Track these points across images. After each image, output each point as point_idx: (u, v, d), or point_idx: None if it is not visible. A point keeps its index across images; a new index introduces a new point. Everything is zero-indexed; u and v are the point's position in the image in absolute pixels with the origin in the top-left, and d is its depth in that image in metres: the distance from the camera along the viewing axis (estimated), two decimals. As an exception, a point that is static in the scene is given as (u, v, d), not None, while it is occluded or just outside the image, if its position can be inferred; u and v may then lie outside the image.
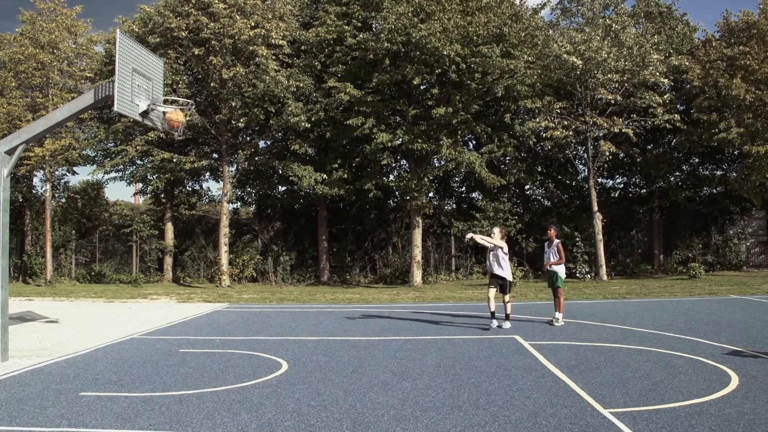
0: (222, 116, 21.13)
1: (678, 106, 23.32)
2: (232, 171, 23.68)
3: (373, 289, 21.08)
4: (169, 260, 24.40)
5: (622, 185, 27.96)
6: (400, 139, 20.58)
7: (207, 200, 28.42)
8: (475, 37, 19.23)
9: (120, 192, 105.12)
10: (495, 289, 10.82)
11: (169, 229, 24.43)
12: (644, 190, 26.78)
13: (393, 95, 21.43)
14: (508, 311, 10.76)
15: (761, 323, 10.57)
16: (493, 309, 10.73)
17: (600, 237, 21.94)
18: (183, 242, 25.30)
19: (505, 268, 10.78)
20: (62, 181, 25.74)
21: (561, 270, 11.10)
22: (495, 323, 10.63)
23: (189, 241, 25.46)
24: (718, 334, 9.49)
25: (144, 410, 5.63)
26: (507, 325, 10.58)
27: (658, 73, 20.77)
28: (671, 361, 7.54)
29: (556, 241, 11.17)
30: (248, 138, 23.95)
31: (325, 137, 21.88)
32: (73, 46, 23.11)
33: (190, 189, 26.58)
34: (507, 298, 10.79)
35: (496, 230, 10.97)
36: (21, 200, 25.25)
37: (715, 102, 21.37)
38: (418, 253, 21.88)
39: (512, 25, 19.86)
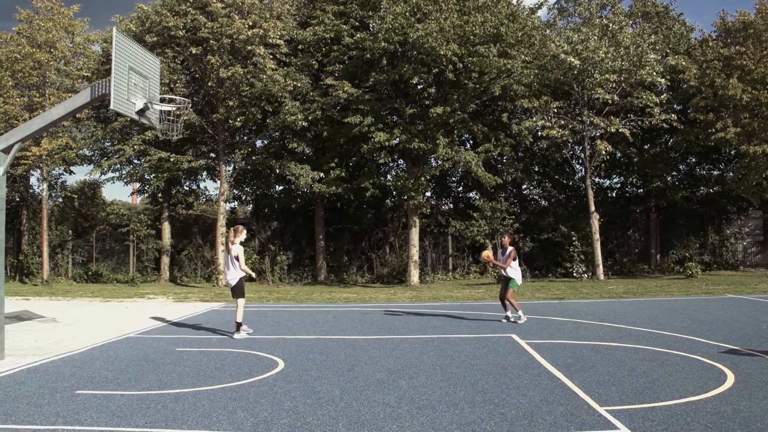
0: (219, 115, 21.11)
1: (675, 105, 23.36)
2: (229, 170, 23.67)
3: (370, 288, 21.08)
4: (166, 260, 24.37)
5: (619, 185, 28.02)
6: (397, 139, 20.59)
7: (204, 200, 28.39)
8: (471, 37, 19.23)
9: (117, 191, 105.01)
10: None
11: (166, 228, 24.40)
12: (641, 190, 26.82)
13: (390, 94, 21.43)
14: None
15: (757, 322, 10.60)
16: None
17: (597, 236, 21.97)
18: (180, 242, 25.28)
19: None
20: (59, 180, 25.69)
21: (517, 277, 11.25)
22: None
23: (186, 241, 25.44)
24: (714, 332, 9.51)
25: (140, 408, 5.62)
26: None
27: (654, 73, 20.79)
28: (668, 359, 7.55)
29: (510, 248, 11.35)
30: (245, 137, 23.92)
31: (322, 136, 21.90)
32: (71, 45, 23.06)
33: (187, 188, 26.54)
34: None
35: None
36: (18, 200, 25.21)
37: (711, 102, 21.41)
38: (415, 252, 21.89)
39: (509, 25, 19.88)
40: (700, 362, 7.31)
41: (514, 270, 11.24)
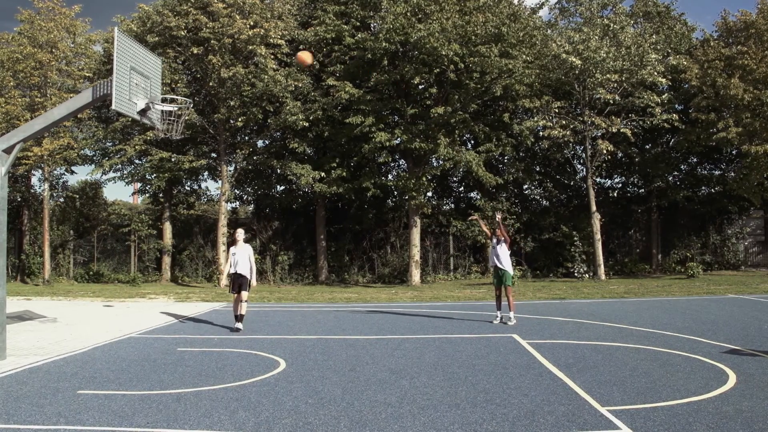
0: (220, 115, 21.13)
1: (676, 105, 23.34)
2: (230, 170, 23.68)
3: (372, 288, 21.08)
4: (167, 260, 24.38)
5: (620, 185, 28.02)
6: (399, 139, 20.58)
7: (205, 200, 28.40)
8: (473, 37, 19.23)
9: (118, 191, 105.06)
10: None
11: (168, 228, 24.40)
12: (642, 190, 26.81)
13: (391, 95, 21.42)
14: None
15: (759, 322, 10.59)
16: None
17: (598, 236, 21.96)
18: (181, 242, 25.29)
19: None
20: (60, 180, 25.73)
21: (510, 269, 11.10)
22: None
23: (187, 241, 25.45)
24: (716, 332, 9.50)
25: (142, 408, 5.62)
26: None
27: (656, 73, 20.79)
28: (669, 359, 7.55)
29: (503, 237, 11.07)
30: (246, 137, 23.95)
31: (324, 136, 21.90)
32: (72, 45, 23.06)
33: (188, 188, 26.54)
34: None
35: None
36: (19, 200, 25.23)
37: (713, 102, 21.39)
38: (416, 252, 21.88)
39: (510, 25, 19.87)
40: (702, 362, 7.30)
41: (508, 261, 11.05)
